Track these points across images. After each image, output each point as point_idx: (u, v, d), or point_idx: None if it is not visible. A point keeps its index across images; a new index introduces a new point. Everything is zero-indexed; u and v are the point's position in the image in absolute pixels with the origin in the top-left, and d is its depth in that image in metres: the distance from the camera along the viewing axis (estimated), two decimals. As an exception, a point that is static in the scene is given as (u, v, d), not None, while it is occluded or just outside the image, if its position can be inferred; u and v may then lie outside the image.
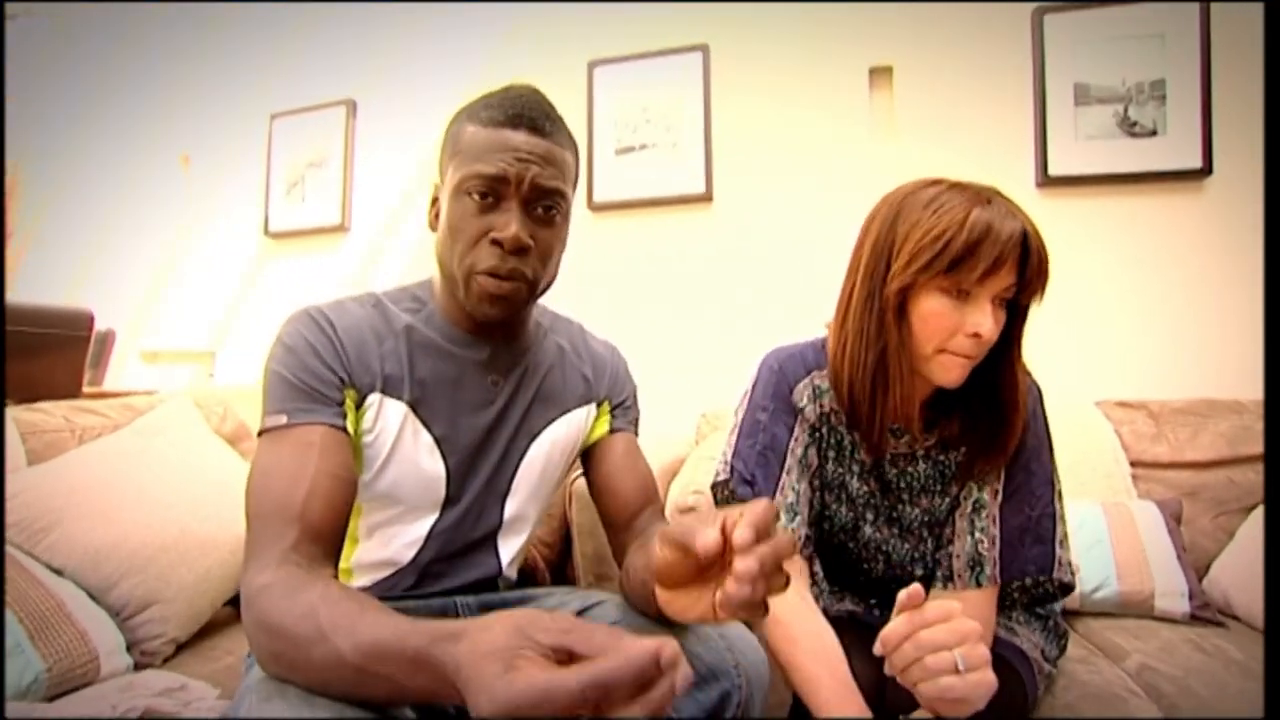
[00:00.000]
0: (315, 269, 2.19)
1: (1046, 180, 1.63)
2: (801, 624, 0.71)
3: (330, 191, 2.15)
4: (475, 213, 0.63)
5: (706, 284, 1.84)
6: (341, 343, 0.64)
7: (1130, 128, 1.59)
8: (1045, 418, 0.78)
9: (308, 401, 0.60)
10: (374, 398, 0.65)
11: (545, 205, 0.65)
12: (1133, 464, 1.39)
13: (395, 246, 2.13)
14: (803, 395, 0.79)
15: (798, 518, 0.76)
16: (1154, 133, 1.58)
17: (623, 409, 0.82)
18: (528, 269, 0.64)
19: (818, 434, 0.79)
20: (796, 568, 0.76)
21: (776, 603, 0.70)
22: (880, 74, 1.76)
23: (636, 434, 0.83)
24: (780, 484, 0.76)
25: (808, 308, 1.66)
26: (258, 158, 2.25)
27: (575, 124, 1.86)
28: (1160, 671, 0.95)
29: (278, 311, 2.10)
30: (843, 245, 0.79)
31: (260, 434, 0.60)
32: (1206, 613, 1.13)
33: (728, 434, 0.82)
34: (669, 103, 1.86)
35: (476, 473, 0.70)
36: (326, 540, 0.56)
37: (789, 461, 0.77)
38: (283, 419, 0.59)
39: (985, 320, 0.66)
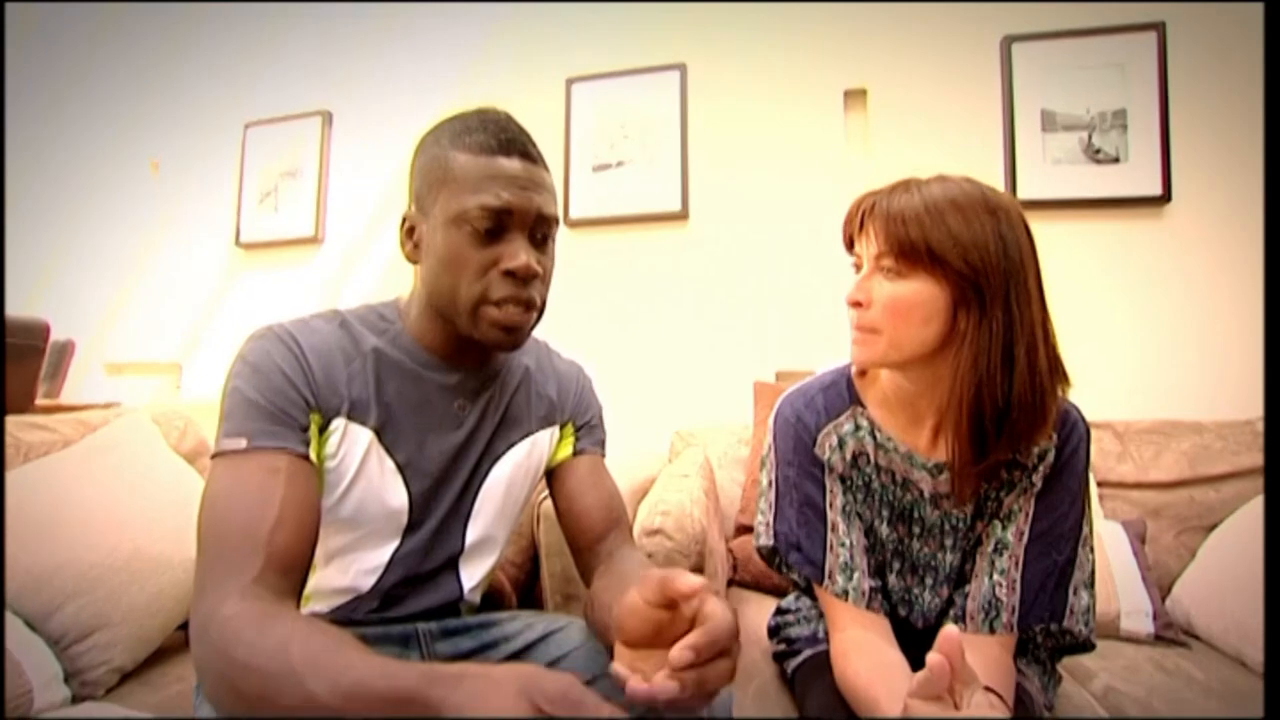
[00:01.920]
0: (287, 281, 2.14)
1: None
2: (889, 688, 0.62)
3: (304, 202, 2.12)
4: (479, 244, 0.62)
5: (682, 301, 1.83)
6: (309, 364, 0.62)
7: (1094, 154, 1.63)
8: (1087, 460, 0.71)
9: (272, 424, 0.58)
10: (339, 422, 0.63)
11: (543, 233, 0.65)
12: (1099, 484, 1.40)
13: (369, 259, 2.09)
14: (825, 446, 0.75)
15: (855, 574, 0.71)
16: (1116, 159, 1.62)
17: (588, 429, 0.81)
18: (537, 295, 0.64)
19: (848, 481, 0.75)
20: (877, 626, 0.70)
21: (865, 659, 0.66)
22: (855, 96, 1.77)
23: (603, 455, 0.82)
24: (827, 543, 0.73)
25: (782, 325, 1.76)
26: (230, 166, 2.20)
27: (553, 140, 1.95)
28: (1124, 693, 0.95)
29: (248, 324, 2.12)
30: (817, 263, 0.78)
31: (215, 456, 0.57)
32: (1170, 633, 1.14)
33: (762, 491, 0.78)
34: (646, 120, 1.86)
35: (440, 499, 0.69)
36: (293, 573, 0.54)
37: (830, 517, 0.73)
38: (242, 442, 0.56)
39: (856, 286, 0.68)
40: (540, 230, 0.64)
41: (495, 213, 0.61)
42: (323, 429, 0.63)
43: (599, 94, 1.90)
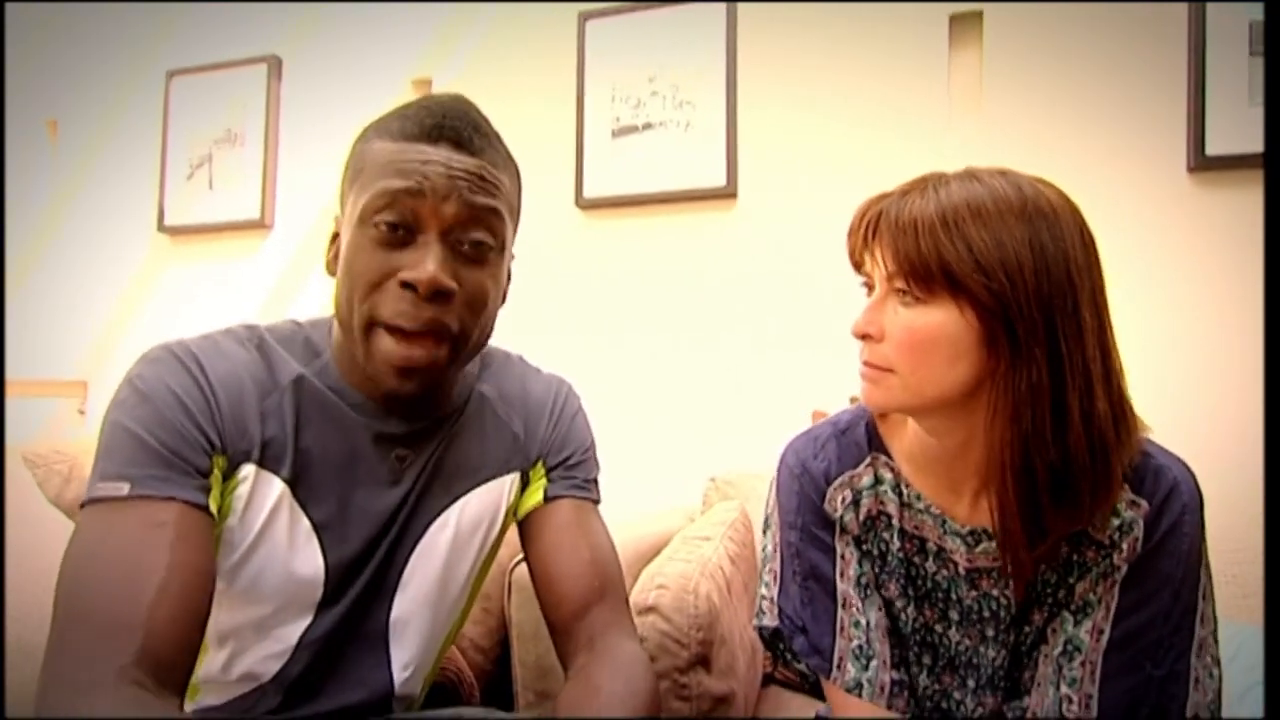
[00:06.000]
0: (224, 277, 1.96)
1: (1203, 162, 1.29)
2: None
3: (246, 176, 1.93)
4: (380, 246, 0.56)
5: (725, 305, 1.63)
6: (215, 395, 0.57)
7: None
8: (1199, 538, 0.62)
9: (162, 468, 0.53)
10: (248, 470, 0.59)
11: (474, 240, 0.58)
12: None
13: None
14: (836, 502, 0.69)
15: (872, 663, 0.67)
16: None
17: (565, 468, 0.74)
18: (451, 321, 0.58)
19: (864, 544, 0.70)
20: None
21: None
22: (965, 23, 1.49)
23: (592, 500, 0.74)
24: (837, 623, 0.68)
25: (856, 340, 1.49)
26: (151, 128, 2.01)
27: (561, 96, 1.58)
28: None
29: (173, 330, 2.09)
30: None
31: (86, 504, 0.52)
32: None
33: (765, 559, 0.74)
34: (683, 69, 1.64)
35: (363, 570, 0.65)
36: (178, 658, 0.49)
37: (841, 590, 0.69)
38: (123, 488, 0.51)
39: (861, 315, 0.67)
40: (470, 237, 0.58)
41: (396, 199, 0.55)
42: (227, 476, 0.59)
43: (622, 34, 1.67)
